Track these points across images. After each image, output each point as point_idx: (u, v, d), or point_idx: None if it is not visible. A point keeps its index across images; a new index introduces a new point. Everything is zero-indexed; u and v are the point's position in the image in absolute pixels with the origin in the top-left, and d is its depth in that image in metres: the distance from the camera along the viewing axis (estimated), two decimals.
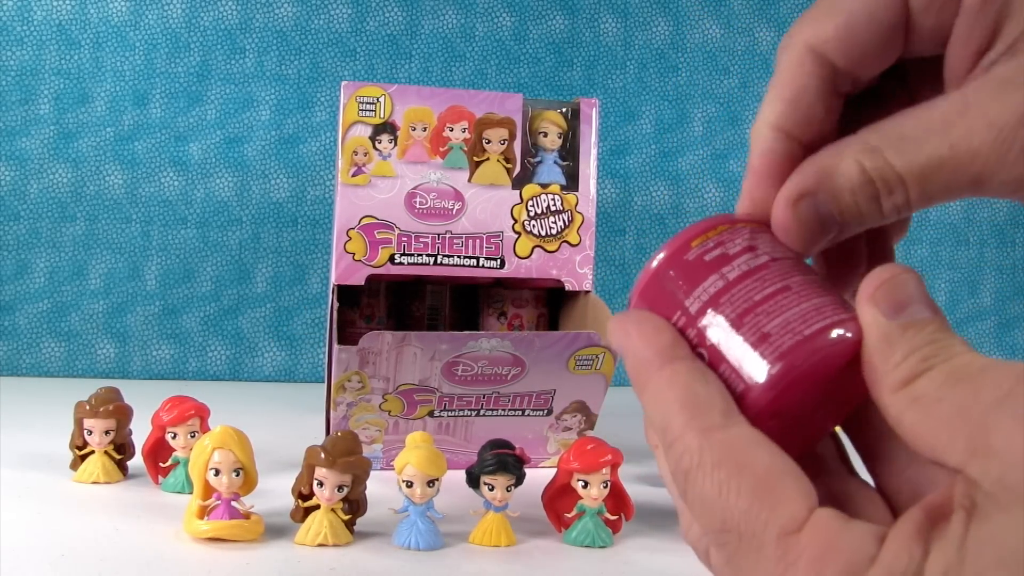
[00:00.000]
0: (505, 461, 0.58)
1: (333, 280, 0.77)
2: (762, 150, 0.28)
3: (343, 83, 0.79)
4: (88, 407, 0.69)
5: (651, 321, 0.27)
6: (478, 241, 0.80)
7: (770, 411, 0.25)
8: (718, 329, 0.26)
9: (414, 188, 0.79)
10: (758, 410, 0.25)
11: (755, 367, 0.25)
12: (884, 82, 0.30)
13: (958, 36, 0.27)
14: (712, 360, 0.26)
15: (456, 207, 0.79)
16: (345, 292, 0.83)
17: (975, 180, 0.25)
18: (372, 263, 0.78)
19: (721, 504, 0.23)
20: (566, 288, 0.81)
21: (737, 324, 0.25)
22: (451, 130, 0.79)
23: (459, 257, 0.79)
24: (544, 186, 0.81)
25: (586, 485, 0.59)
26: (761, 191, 0.28)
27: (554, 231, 0.81)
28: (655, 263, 0.28)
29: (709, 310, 0.26)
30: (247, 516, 0.57)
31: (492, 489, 0.58)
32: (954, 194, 0.26)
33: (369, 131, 0.78)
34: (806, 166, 0.28)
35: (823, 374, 0.25)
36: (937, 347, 0.24)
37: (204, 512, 0.57)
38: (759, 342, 0.25)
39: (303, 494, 0.58)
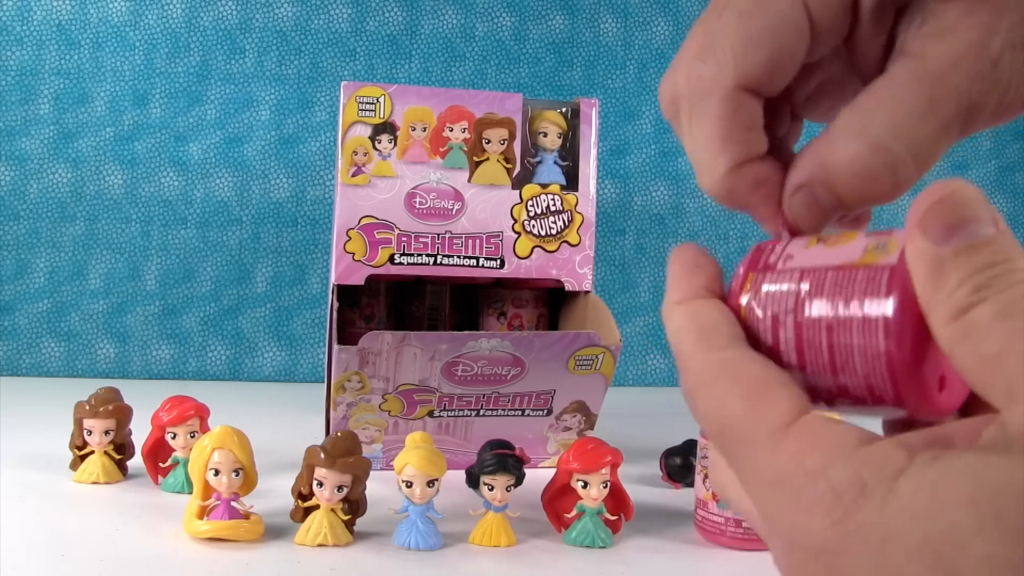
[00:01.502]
0: (505, 461, 0.58)
1: (333, 280, 0.77)
2: (757, 199, 0.29)
3: (343, 83, 0.79)
4: (88, 407, 0.69)
5: (694, 259, 0.28)
6: (478, 241, 0.80)
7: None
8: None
9: (414, 188, 0.79)
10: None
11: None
12: None
13: (864, 32, 0.28)
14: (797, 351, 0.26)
15: (456, 207, 0.79)
16: (345, 292, 0.83)
17: (965, 118, 0.26)
18: (372, 263, 0.78)
19: (720, 413, 0.25)
20: (566, 288, 0.81)
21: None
22: (451, 130, 0.79)
23: (459, 257, 0.79)
24: (544, 186, 0.81)
25: (586, 485, 0.59)
26: (773, 215, 0.29)
27: (554, 231, 0.81)
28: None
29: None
30: (247, 516, 0.57)
31: (492, 489, 0.58)
32: (952, 141, 0.26)
33: (369, 131, 0.78)
34: (800, 159, 0.28)
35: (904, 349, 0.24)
36: (994, 273, 0.22)
37: (204, 512, 0.57)
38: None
39: (303, 494, 0.58)
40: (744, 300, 0.28)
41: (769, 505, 0.24)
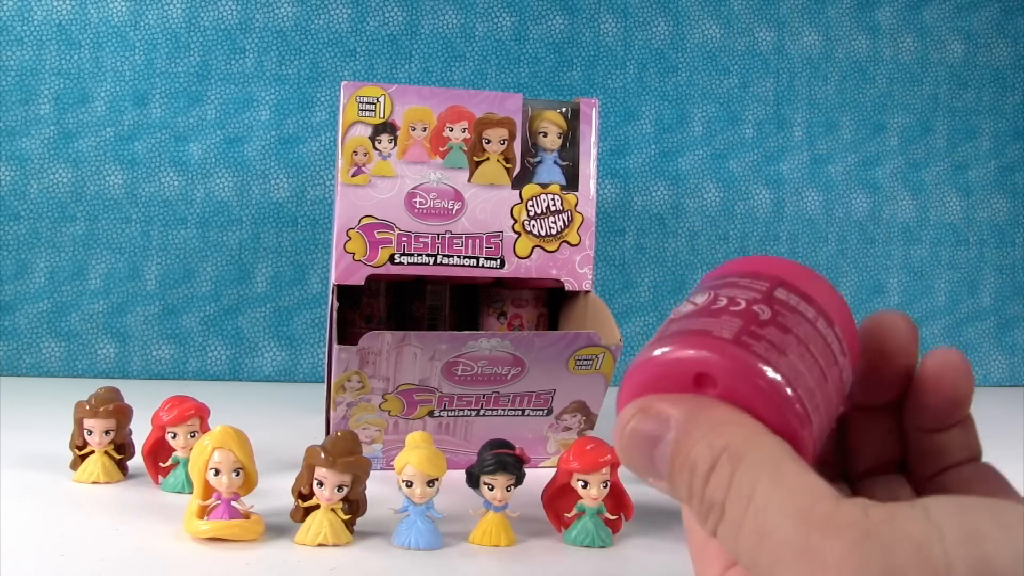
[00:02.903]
0: (505, 461, 0.58)
1: (333, 280, 0.77)
2: None
3: (343, 83, 0.79)
4: (88, 407, 0.69)
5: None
6: (478, 241, 0.80)
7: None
8: None
9: (414, 188, 0.79)
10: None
11: None
12: None
13: None
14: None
15: (456, 207, 0.79)
16: (345, 292, 0.83)
17: None
18: (372, 263, 0.78)
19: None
20: (566, 288, 0.81)
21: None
22: (451, 130, 0.79)
23: (459, 257, 0.79)
24: (544, 186, 0.81)
25: (586, 485, 0.59)
26: None
27: (554, 231, 0.81)
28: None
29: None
30: (247, 516, 0.57)
31: (492, 489, 0.58)
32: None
33: (369, 131, 0.78)
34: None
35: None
36: (697, 479, 0.24)
37: (204, 512, 0.57)
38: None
39: (303, 494, 0.58)
40: None
41: None
